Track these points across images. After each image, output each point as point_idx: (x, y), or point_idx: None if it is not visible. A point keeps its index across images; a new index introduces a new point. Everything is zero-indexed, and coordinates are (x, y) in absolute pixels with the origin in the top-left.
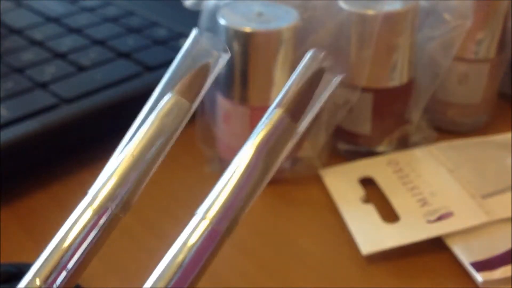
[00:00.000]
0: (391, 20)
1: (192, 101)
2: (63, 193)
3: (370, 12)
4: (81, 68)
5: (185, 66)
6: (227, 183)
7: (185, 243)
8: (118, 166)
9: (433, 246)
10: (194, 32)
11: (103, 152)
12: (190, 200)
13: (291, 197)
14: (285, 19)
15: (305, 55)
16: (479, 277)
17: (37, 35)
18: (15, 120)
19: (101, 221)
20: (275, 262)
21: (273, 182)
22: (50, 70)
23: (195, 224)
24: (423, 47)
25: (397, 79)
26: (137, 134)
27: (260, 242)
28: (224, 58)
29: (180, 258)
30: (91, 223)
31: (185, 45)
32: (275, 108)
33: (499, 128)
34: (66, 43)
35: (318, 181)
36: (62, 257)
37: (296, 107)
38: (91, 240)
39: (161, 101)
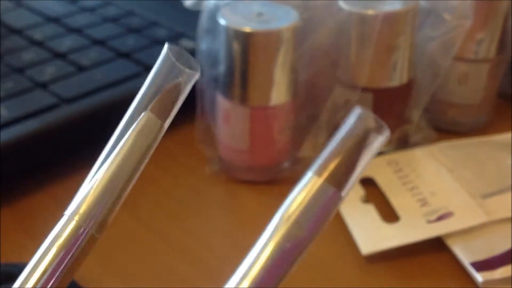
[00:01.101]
0: (391, 20)
1: (164, 119)
2: (63, 193)
3: (370, 12)
4: (81, 68)
5: (156, 85)
6: (256, 259)
7: None
8: (93, 186)
9: (433, 246)
10: (164, 49)
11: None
12: (190, 200)
13: None
14: (285, 19)
15: (350, 114)
16: (479, 277)
17: (37, 35)
18: (15, 120)
19: (78, 242)
20: None
21: (273, 182)
22: (50, 70)
23: None
24: (423, 47)
25: (397, 79)
26: (112, 153)
27: None
28: (195, 75)
29: None
30: (68, 244)
31: (156, 64)
32: (314, 175)
33: (499, 128)
34: (66, 43)
35: None
36: (39, 280)
37: (339, 176)
38: (67, 262)
39: (135, 120)
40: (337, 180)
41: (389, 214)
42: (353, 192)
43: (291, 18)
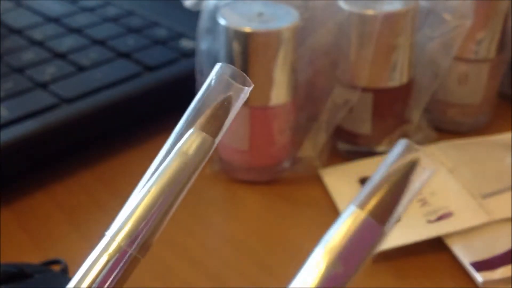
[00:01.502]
0: (391, 20)
1: (214, 135)
2: (63, 193)
3: (370, 12)
4: (81, 68)
5: (207, 100)
6: None
7: None
8: (137, 205)
9: (433, 246)
10: (217, 66)
11: (103, 152)
12: (190, 200)
13: (291, 197)
14: (285, 19)
15: (396, 145)
16: (479, 277)
17: (37, 35)
18: (15, 120)
19: (120, 264)
20: (275, 261)
21: (273, 182)
22: (50, 70)
23: None
24: (423, 47)
25: (397, 79)
26: (158, 171)
27: (259, 241)
28: (246, 91)
29: None
30: (108, 266)
31: (208, 79)
32: (356, 208)
33: (499, 128)
34: (66, 43)
35: (318, 181)
36: None
37: (383, 209)
38: (109, 284)
39: (183, 137)
40: (380, 214)
41: None
42: (353, 192)
43: (291, 18)
